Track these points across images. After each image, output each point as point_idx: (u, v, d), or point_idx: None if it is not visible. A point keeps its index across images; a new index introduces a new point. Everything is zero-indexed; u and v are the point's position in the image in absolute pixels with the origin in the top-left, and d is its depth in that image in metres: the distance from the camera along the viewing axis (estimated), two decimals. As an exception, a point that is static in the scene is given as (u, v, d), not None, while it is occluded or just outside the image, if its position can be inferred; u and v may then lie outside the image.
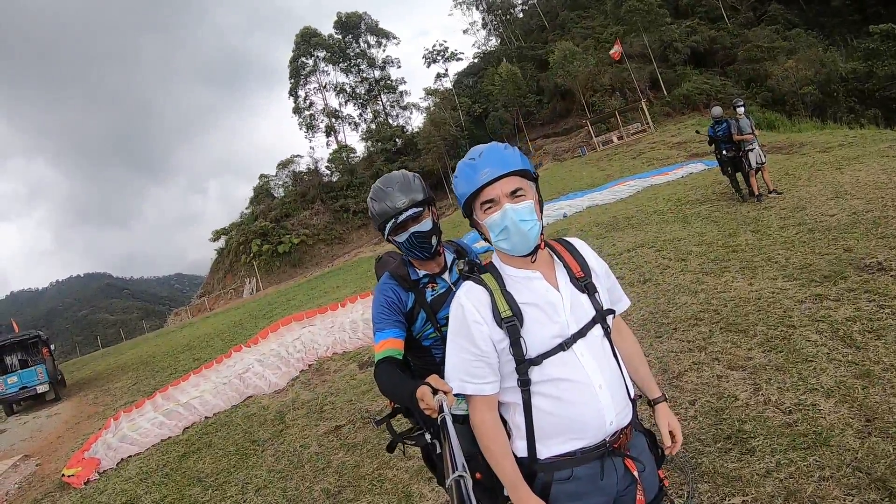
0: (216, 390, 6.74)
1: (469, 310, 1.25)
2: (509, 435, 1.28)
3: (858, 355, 3.06)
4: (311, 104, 49.97)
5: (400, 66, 53.82)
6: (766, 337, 3.63)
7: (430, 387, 1.19)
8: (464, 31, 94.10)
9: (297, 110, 49.64)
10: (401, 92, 51.98)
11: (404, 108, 51.90)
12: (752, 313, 4.09)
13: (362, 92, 51.74)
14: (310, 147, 78.32)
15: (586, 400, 1.21)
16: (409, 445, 1.71)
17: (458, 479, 0.92)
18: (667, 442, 1.39)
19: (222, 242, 44.79)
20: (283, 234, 40.78)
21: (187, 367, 9.91)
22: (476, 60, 52.24)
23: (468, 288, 1.30)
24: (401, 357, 1.54)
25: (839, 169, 8.60)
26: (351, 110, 52.00)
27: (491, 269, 1.33)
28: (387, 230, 1.63)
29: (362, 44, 52.06)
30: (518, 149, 1.33)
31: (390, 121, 50.71)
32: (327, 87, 50.58)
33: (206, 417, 6.21)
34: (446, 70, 49.22)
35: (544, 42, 46.17)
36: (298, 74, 49.65)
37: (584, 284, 1.30)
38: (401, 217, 1.59)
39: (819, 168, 9.19)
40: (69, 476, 5.46)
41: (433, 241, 1.62)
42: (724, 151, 8.71)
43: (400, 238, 1.62)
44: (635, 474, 1.26)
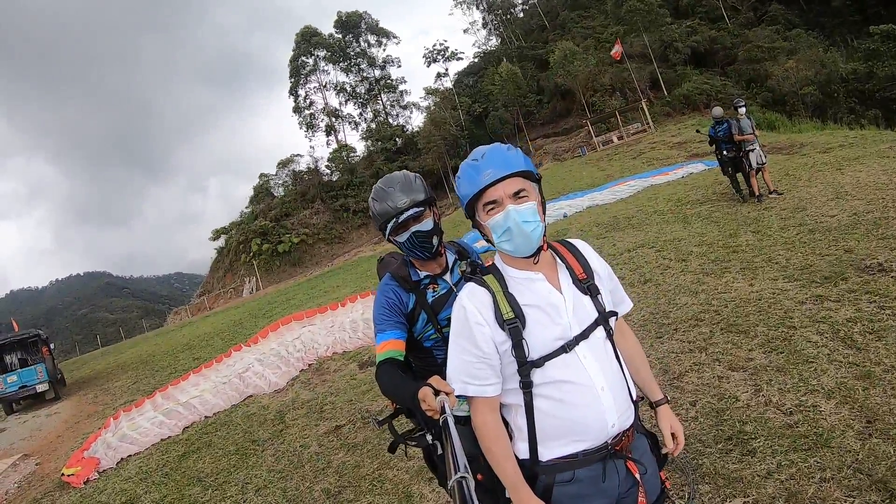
0: (216, 390, 6.73)
1: (471, 311, 1.25)
2: (511, 437, 1.28)
3: (859, 356, 3.06)
4: (311, 103, 50.01)
5: (400, 66, 53.82)
6: (767, 338, 3.63)
7: (432, 388, 1.19)
8: (464, 31, 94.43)
9: (297, 109, 49.64)
10: (401, 91, 52.02)
11: (404, 107, 51.95)
12: (752, 314, 4.09)
13: (362, 91, 51.75)
14: (310, 146, 78.18)
15: (588, 402, 1.21)
16: (411, 446, 1.70)
17: (461, 481, 0.92)
18: (669, 444, 1.39)
19: (222, 241, 44.81)
20: (282, 233, 40.78)
21: (187, 367, 9.90)
22: (476, 60, 52.26)
23: (470, 289, 1.30)
24: (402, 358, 1.54)
25: (840, 169, 8.60)
26: (351, 109, 52.05)
27: (493, 271, 1.33)
28: (388, 230, 1.62)
29: (362, 43, 52.08)
30: (520, 150, 1.32)
31: (390, 120, 50.70)
32: (327, 86, 50.62)
33: (205, 417, 6.21)
34: (446, 69, 49.33)
35: (544, 42, 46.15)
36: (298, 74, 49.64)
37: (587, 286, 1.30)
38: (402, 216, 1.58)
39: (819, 169, 9.19)
40: (69, 475, 5.46)
41: (434, 241, 1.61)
42: (725, 152, 8.71)
43: (401, 238, 1.61)
44: (637, 476, 1.26)
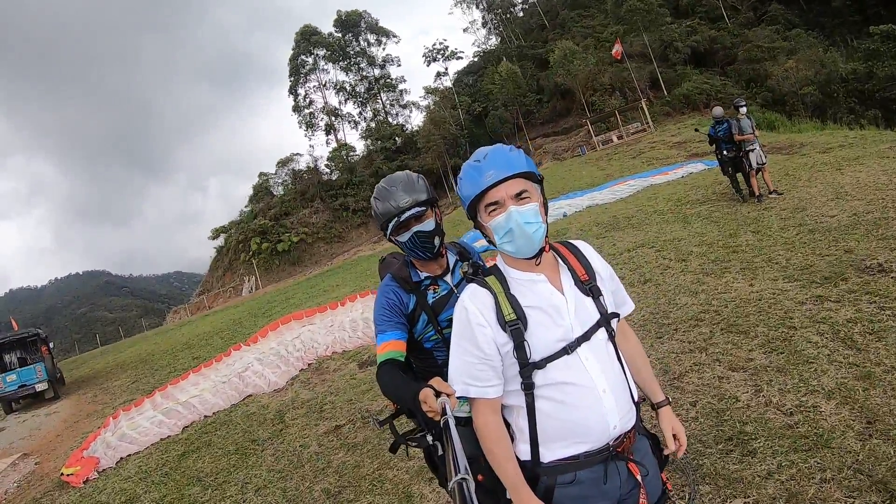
0: (216, 389, 6.72)
1: (473, 312, 1.25)
2: (512, 438, 1.28)
3: (859, 357, 3.06)
4: (310, 102, 49.99)
5: (400, 65, 53.74)
6: (767, 338, 3.63)
7: (433, 389, 1.19)
8: (464, 30, 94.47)
9: (296, 108, 49.62)
10: (400, 90, 52.00)
11: (404, 106, 51.94)
12: (752, 314, 4.09)
13: (362, 90, 51.71)
14: (309, 145, 78.61)
15: (590, 404, 1.20)
16: (412, 447, 1.70)
17: (461, 482, 0.92)
18: (670, 446, 1.39)
19: (221, 240, 44.78)
20: (282, 232, 40.78)
21: (187, 366, 9.89)
22: (476, 59, 52.16)
23: (472, 290, 1.30)
24: (403, 359, 1.54)
25: (839, 170, 8.61)
26: (351, 109, 52.06)
27: (495, 272, 1.32)
28: (389, 229, 1.62)
29: (362, 42, 52.03)
30: (521, 150, 1.32)
31: (390, 119, 50.66)
32: (327, 85, 50.59)
33: (205, 416, 6.20)
34: (446, 69, 49.25)
35: (544, 41, 46.11)
36: (298, 73, 49.60)
37: (589, 288, 1.30)
38: (403, 216, 1.58)
39: (819, 169, 9.19)
40: (68, 475, 5.45)
41: (435, 241, 1.61)
42: (725, 151, 8.71)
43: (402, 237, 1.61)
44: (638, 478, 1.26)
